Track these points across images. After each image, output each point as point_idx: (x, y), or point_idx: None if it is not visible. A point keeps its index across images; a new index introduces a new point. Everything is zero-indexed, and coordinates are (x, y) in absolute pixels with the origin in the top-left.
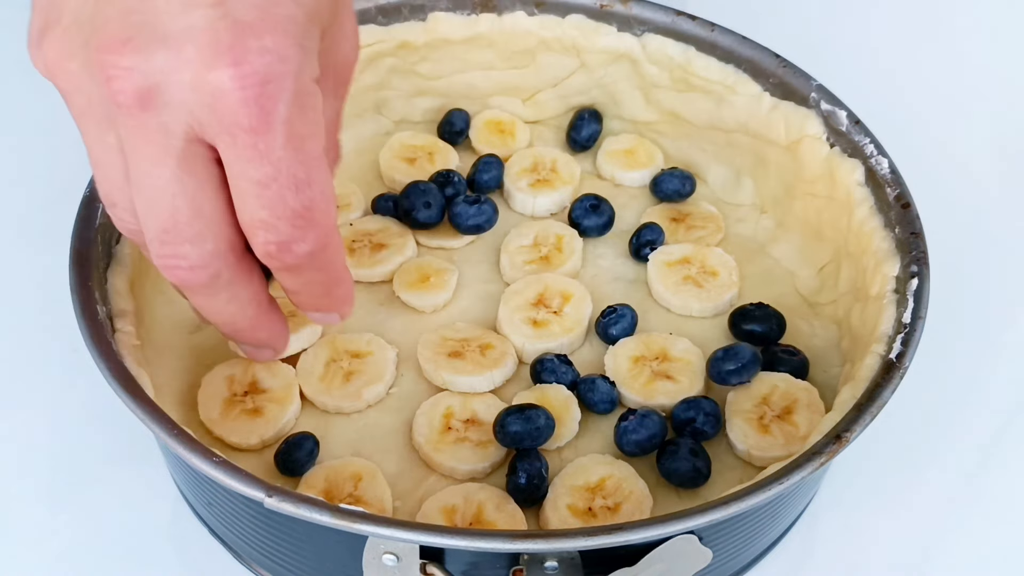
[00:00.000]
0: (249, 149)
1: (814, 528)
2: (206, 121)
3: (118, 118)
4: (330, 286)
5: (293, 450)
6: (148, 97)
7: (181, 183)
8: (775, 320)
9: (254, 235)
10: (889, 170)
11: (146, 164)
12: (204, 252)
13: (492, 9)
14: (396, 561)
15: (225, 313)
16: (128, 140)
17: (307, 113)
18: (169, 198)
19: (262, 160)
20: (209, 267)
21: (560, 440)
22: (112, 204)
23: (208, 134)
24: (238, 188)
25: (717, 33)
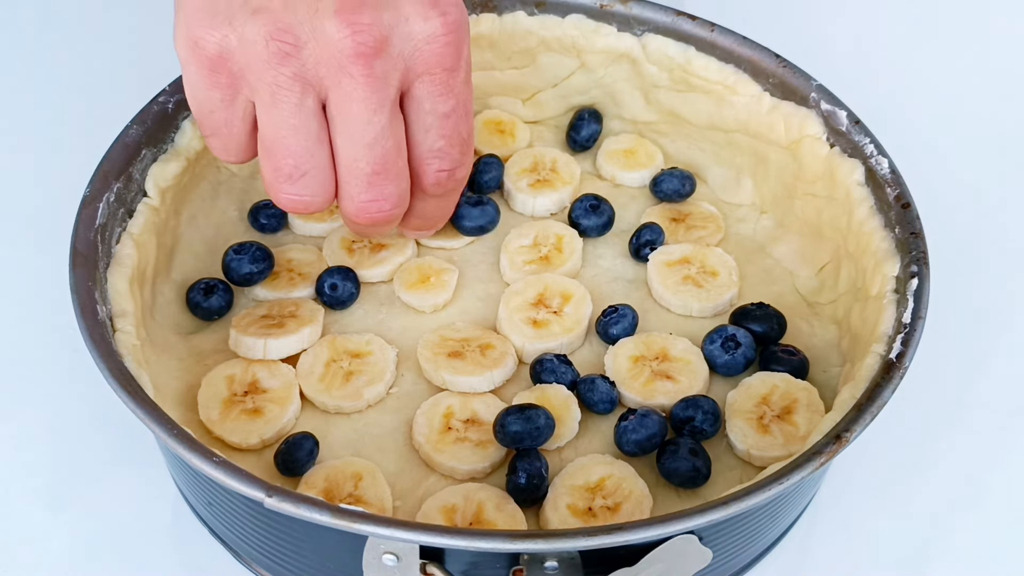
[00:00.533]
0: (442, 85)
1: (814, 528)
2: (413, 65)
3: (347, 68)
4: (450, 209)
5: (293, 450)
6: (382, 46)
7: (391, 127)
8: (775, 320)
9: (428, 165)
10: (889, 170)
11: (367, 112)
12: (403, 189)
13: (492, 9)
14: (396, 561)
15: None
16: (352, 92)
17: (470, 53)
18: (383, 141)
19: (450, 93)
20: (403, 204)
21: (560, 440)
22: (302, 173)
23: (411, 76)
24: (424, 123)
25: (717, 33)
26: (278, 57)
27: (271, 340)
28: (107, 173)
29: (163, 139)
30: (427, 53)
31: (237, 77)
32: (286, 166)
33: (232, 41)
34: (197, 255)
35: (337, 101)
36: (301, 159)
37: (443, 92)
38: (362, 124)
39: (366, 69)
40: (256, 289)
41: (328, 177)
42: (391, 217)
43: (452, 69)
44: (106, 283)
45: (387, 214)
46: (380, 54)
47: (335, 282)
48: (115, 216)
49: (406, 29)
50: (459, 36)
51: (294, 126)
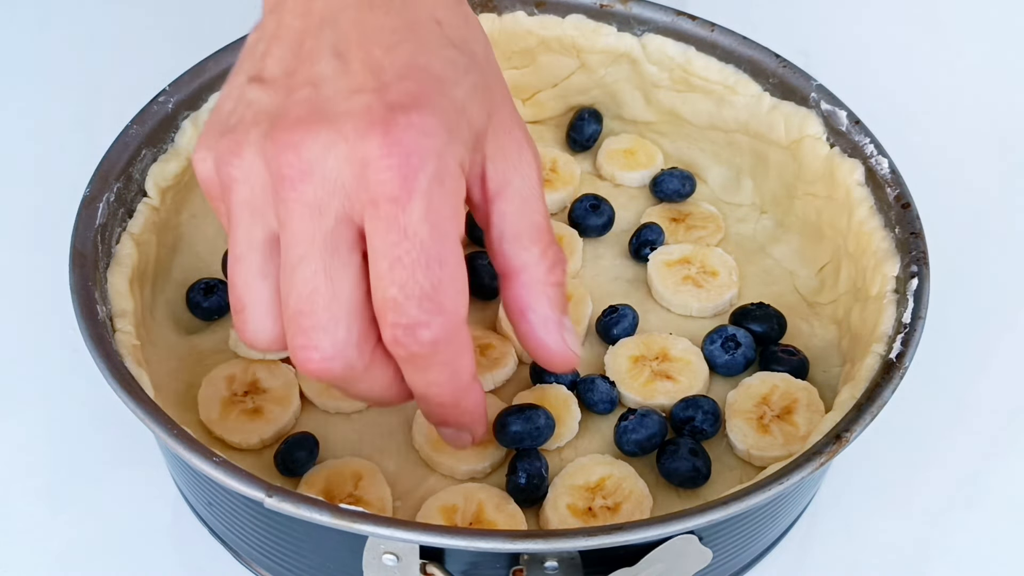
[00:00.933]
0: (389, 220)
1: (814, 528)
2: (353, 192)
3: (279, 194)
4: (457, 392)
5: (293, 450)
6: (309, 168)
7: (323, 262)
8: (776, 320)
9: (383, 317)
10: (889, 170)
11: (296, 242)
12: (337, 340)
13: (492, 9)
14: (396, 561)
15: (373, 394)
16: (283, 218)
17: (448, 194)
18: (311, 277)
19: (400, 232)
20: (340, 357)
21: (560, 440)
22: (242, 307)
23: (355, 207)
24: (376, 266)
25: (717, 33)
26: (229, 181)
27: None
28: (107, 173)
29: (163, 139)
30: (364, 178)
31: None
32: (233, 297)
33: (209, 164)
34: (197, 255)
35: (280, 229)
36: (240, 292)
37: (390, 228)
38: (291, 256)
39: (294, 193)
40: None
41: (267, 314)
42: (330, 369)
43: (397, 201)
44: (106, 283)
45: (318, 366)
46: (307, 179)
47: None
48: (115, 216)
49: (343, 151)
50: (408, 161)
51: (237, 256)
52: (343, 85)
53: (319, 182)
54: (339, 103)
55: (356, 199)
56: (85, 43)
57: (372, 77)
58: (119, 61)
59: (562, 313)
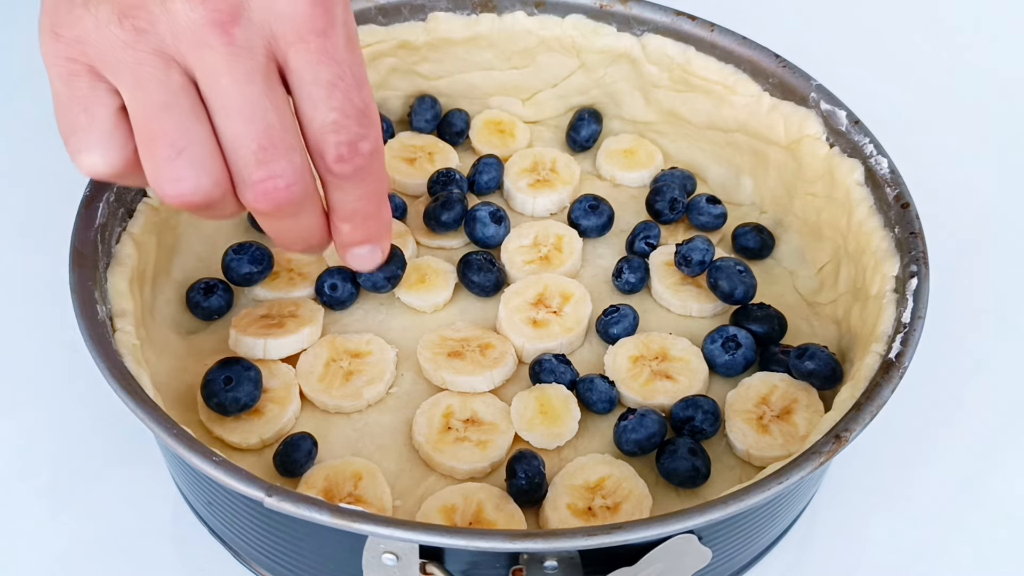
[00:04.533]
0: (319, 52)
1: (814, 528)
2: (281, 32)
3: (204, 39)
4: (380, 200)
5: (291, 451)
6: (237, 12)
7: (269, 98)
8: (776, 320)
9: (324, 140)
10: (888, 170)
11: (236, 85)
12: (297, 164)
13: (492, 9)
14: (396, 561)
15: (312, 228)
16: (215, 64)
17: (351, 16)
18: (262, 113)
19: (331, 61)
20: (302, 180)
21: (560, 440)
22: (179, 151)
23: (282, 46)
24: (310, 96)
25: (717, 33)
26: (133, 35)
27: (271, 340)
28: None
29: None
30: (291, 18)
31: (98, 63)
32: (162, 148)
33: (88, 24)
34: (197, 255)
35: (205, 77)
36: (176, 135)
37: (321, 60)
38: (235, 97)
39: (225, 38)
40: (256, 289)
41: (211, 153)
42: (293, 196)
43: (324, 33)
44: (106, 283)
45: (286, 192)
46: (236, 21)
47: (335, 282)
48: (115, 216)
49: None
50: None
51: (164, 103)
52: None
53: (245, 24)
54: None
55: (282, 37)
56: None
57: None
58: None
59: None
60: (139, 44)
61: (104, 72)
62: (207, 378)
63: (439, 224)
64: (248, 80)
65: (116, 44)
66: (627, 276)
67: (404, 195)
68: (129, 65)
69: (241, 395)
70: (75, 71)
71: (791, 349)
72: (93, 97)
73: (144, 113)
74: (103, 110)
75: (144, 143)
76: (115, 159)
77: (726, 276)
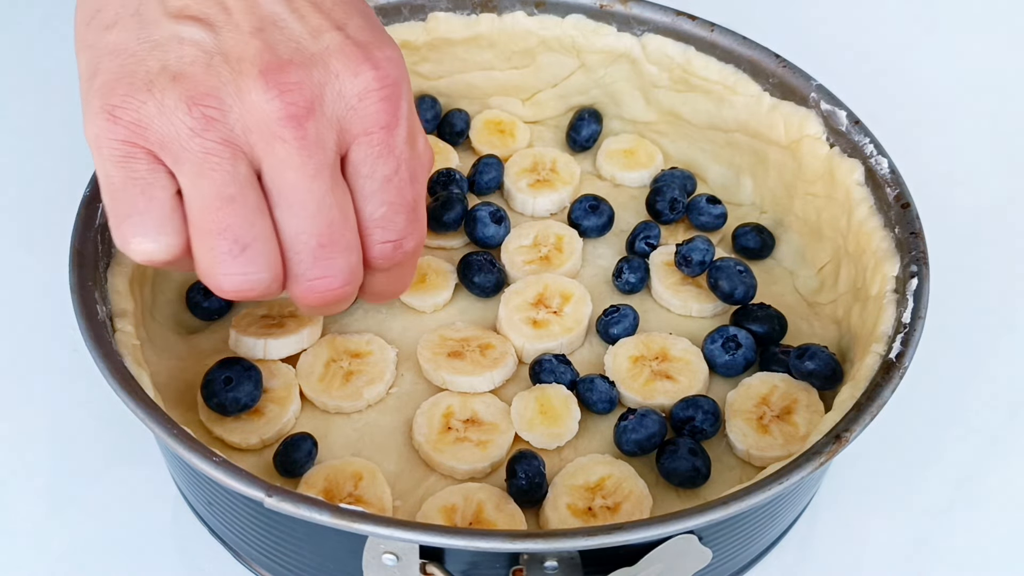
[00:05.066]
0: (380, 146)
1: (814, 528)
2: (348, 125)
3: (276, 132)
4: (407, 283)
5: (291, 451)
6: (312, 107)
7: (334, 194)
8: (777, 320)
9: (371, 236)
10: (889, 170)
11: (304, 181)
12: (352, 264)
13: (492, 9)
14: (396, 561)
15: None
16: (285, 157)
17: (414, 113)
18: (326, 210)
19: (390, 155)
20: (354, 280)
21: (560, 440)
22: (243, 247)
23: (348, 139)
24: (365, 189)
25: (717, 33)
26: (203, 123)
27: (271, 340)
28: None
29: None
30: (361, 112)
31: (158, 148)
32: (224, 242)
33: (151, 109)
34: None
35: (272, 170)
36: (241, 231)
37: (382, 153)
38: (302, 192)
39: (298, 132)
40: None
41: (273, 249)
42: (343, 296)
43: (389, 128)
44: (106, 283)
45: (337, 292)
46: (312, 115)
47: None
48: None
49: (337, 87)
50: (395, 91)
51: (230, 195)
52: (303, 27)
53: (319, 118)
54: (312, 43)
55: (349, 130)
56: None
57: (324, 17)
58: None
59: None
60: (207, 132)
61: (164, 157)
62: (207, 378)
63: (439, 224)
64: (316, 176)
65: (182, 131)
66: (627, 276)
67: None
68: (195, 153)
69: (241, 395)
70: (132, 154)
71: (791, 349)
72: (152, 180)
73: (206, 204)
74: (162, 193)
75: (203, 235)
76: (173, 245)
77: (726, 276)
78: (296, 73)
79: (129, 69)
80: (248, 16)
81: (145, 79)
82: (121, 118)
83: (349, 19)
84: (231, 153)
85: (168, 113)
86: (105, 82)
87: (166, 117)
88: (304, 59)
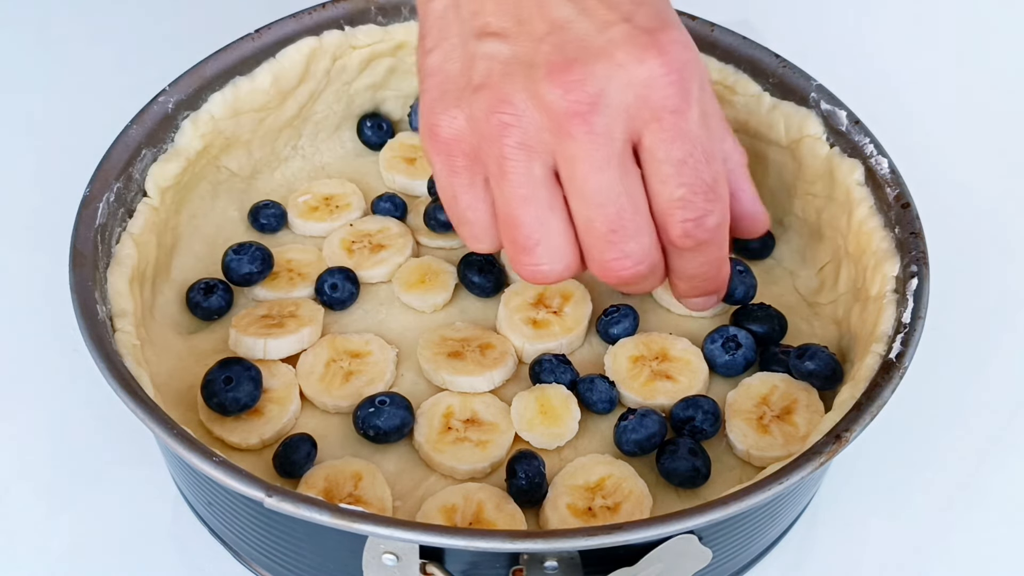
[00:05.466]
0: (671, 130)
1: (814, 528)
2: (637, 113)
3: (566, 130)
4: (722, 264)
5: (290, 452)
6: (597, 100)
7: (623, 182)
8: (777, 320)
9: (671, 216)
10: (889, 170)
11: (593, 171)
12: (645, 245)
13: None
14: (396, 561)
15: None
16: (575, 151)
17: (709, 93)
18: (615, 198)
19: (683, 138)
20: (649, 258)
21: (560, 440)
22: (535, 244)
23: (638, 125)
24: (660, 173)
25: (717, 33)
26: (500, 128)
27: (271, 340)
28: (107, 173)
29: (163, 139)
30: (649, 99)
31: (472, 158)
32: (520, 237)
33: (461, 122)
34: (197, 255)
35: (564, 164)
36: (532, 228)
37: (674, 137)
38: (591, 184)
39: (585, 127)
40: (256, 289)
41: (564, 243)
42: (638, 274)
43: (679, 111)
44: (106, 283)
45: (631, 271)
46: (597, 110)
47: (335, 282)
48: (115, 216)
49: (623, 78)
50: (683, 75)
51: (524, 196)
52: (590, 23)
53: (604, 111)
54: (597, 38)
55: (638, 117)
56: (85, 43)
57: (612, 11)
58: (119, 61)
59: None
60: (505, 136)
61: (478, 164)
62: (207, 378)
63: (439, 224)
64: (604, 167)
65: (487, 137)
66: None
67: (404, 195)
68: (495, 158)
69: (241, 395)
70: (454, 166)
71: (791, 349)
72: (474, 192)
73: (506, 204)
74: (485, 206)
75: (505, 229)
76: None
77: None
78: (580, 71)
79: (443, 88)
80: (540, 23)
81: (456, 95)
82: (440, 135)
83: (638, 8)
84: (526, 155)
85: (475, 123)
86: (427, 102)
87: (473, 126)
88: (589, 55)
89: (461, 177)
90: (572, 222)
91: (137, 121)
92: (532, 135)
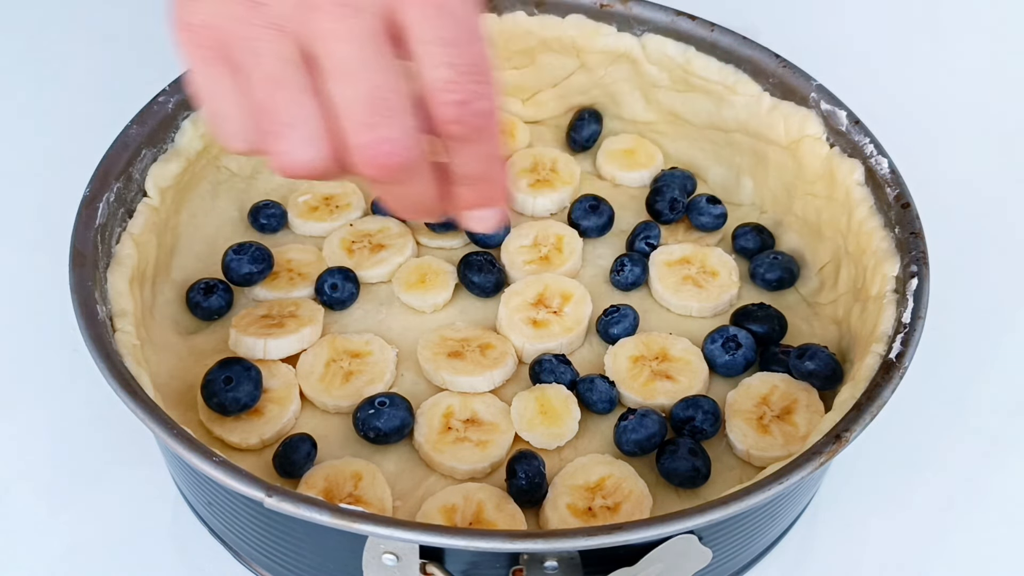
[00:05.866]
0: (434, 8)
1: (814, 528)
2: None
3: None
4: (494, 162)
5: (290, 452)
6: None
7: (378, 60)
8: (777, 320)
9: (438, 99)
10: (889, 170)
11: (342, 46)
12: (407, 127)
13: (492, 9)
14: (396, 561)
15: (424, 195)
16: (325, 26)
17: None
18: (370, 74)
19: (446, 17)
20: (411, 144)
21: (560, 440)
22: (289, 128)
23: (398, 5)
24: (425, 53)
25: (717, 33)
26: (247, 9)
27: (271, 340)
28: (107, 173)
29: (163, 139)
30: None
31: (226, 46)
32: (273, 124)
33: (210, 7)
34: (197, 255)
35: (314, 44)
36: (283, 112)
37: (437, 15)
38: (343, 59)
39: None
40: (256, 289)
41: (318, 128)
42: (402, 163)
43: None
44: (106, 283)
45: (394, 157)
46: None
47: (335, 282)
48: (115, 216)
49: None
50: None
51: (276, 79)
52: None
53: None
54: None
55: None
56: (85, 43)
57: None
58: (119, 61)
59: None
60: (253, 18)
61: (231, 52)
62: (207, 378)
63: (439, 224)
64: (354, 40)
65: (236, 21)
66: (629, 269)
67: None
68: (246, 40)
69: (241, 395)
70: (207, 57)
71: (791, 349)
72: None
73: (259, 87)
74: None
75: (258, 119)
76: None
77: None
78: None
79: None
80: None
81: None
82: (191, 23)
83: None
84: (275, 35)
85: (224, 6)
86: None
87: (223, 11)
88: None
89: (215, 67)
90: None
91: (137, 121)
92: (282, 15)
